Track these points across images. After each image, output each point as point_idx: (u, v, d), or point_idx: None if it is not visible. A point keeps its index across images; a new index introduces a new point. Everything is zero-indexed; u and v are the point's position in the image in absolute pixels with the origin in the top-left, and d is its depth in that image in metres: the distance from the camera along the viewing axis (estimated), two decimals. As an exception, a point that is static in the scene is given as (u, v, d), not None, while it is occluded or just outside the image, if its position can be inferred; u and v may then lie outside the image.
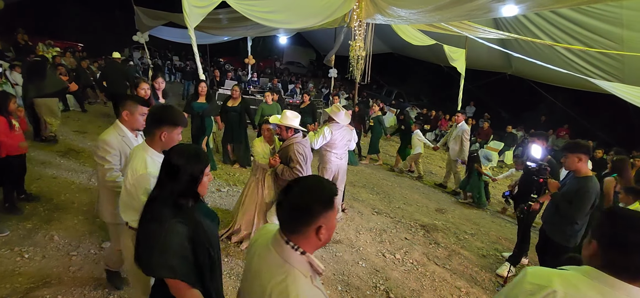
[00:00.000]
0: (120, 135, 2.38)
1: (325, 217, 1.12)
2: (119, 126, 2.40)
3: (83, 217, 3.83)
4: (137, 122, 2.44)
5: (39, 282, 2.81)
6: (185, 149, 1.56)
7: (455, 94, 9.34)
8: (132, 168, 1.91)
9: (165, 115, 1.99)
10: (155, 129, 1.97)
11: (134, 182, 1.88)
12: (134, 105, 2.40)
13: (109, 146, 2.32)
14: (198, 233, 1.48)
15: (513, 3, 4.31)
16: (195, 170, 1.52)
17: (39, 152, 5.41)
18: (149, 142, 2.01)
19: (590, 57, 7.14)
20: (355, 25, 6.68)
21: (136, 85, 4.15)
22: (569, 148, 2.97)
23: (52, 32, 15.09)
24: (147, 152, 1.96)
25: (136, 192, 1.87)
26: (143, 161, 1.92)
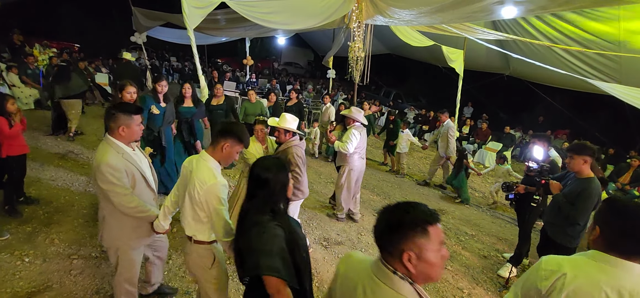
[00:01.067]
0: (119, 153, 2.12)
1: (414, 242, 1.06)
2: (115, 143, 2.13)
3: (83, 219, 3.81)
4: (136, 134, 2.21)
5: (40, 286, 2.79)
6: (269, 162, 1.69)
7: (453, 94, 9.36)
8: (199, 180, 1.88)
9: (234, 129, 2.01)
10: (221, 138, 1.98)
11: (205, 193, 1.87)
12: (129, 118, 2.15)
13: (115, 169, 2.06)
14: (293, 236, 1.60)
15: (513, 5, 4.33)
16: (283, 178, 1.66)
17: (38, 154, 5.37)
18: (211, 151, 2.01)
19: (587, 58, 7.19)
20: (354, 26, 6.68)
21: (121, 89, 3.78)
22: (575, 149, 2.95)
23: (48, 33, 15.00)
24: (209, 161, 1.96)
25: (209, 202, 1.87)
26: (209, 171, 1.91)
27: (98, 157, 2.09)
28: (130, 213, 2.14)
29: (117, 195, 2.08)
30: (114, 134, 2.13)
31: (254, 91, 6.59)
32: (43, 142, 5.92)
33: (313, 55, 25.10)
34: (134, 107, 2.20)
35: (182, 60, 18.85)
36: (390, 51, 14.65)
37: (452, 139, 6.68)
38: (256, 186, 1.63)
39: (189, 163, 2.06)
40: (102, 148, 2.13)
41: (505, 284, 3.75)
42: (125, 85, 3.73)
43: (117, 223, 2.22)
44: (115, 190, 2.07)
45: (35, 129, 6.46)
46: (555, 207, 3.10)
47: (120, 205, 2.10)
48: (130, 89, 3.73)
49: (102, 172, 2.03)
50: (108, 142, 2.13)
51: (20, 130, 3.69)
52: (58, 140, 6.15)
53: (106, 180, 2.05)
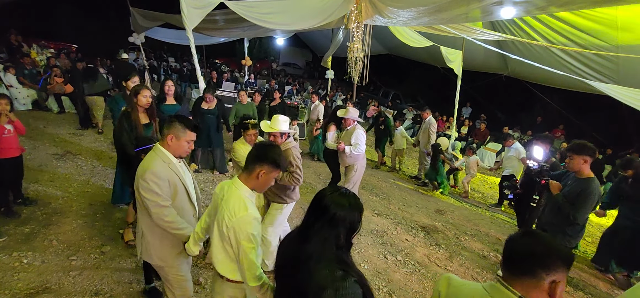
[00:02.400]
0: (165, 162, 2.02)
1: (561, 274, 1.14)
2: (162, 151, 2.04)
3: (82, 220, 3.79)
4: (182, 150, 2.09)
5: (39, 288, 2.77)
6: (344, 196, 1.38)
7: (452, 95, 9.40)
8: (228, 211, 1.68)
9: (269, 153, 1.77)
10: (256, 164, 1.76)
11: (234, 226, 1.65)
12: (183, 130, 2.03)
13: (159, 177, 1.95)
14: (367, 289, 1.34)
15: (511, 6, 4.34)
16: (357, 218, 1.37)
17: (36, 155, 5.34)
18: (244, 177, 1.79)
19: (585, 59, 7.22)
20: (353, 26, 6.69)
21: (126, 79, 3.97)
22: (575, 149, 2.95)
23: (46, 33, 14.93)
24: (241, 189, 1.76)
25: (236, 237, 1.66)
26: (240, 201, 1.70)
27: (144, 164, 2.00)
28: (165, 227, 2.02)
29: (155, 205, 1.96)
30: (164, 141, 2.06)
31: (245, 92, 6.41)
32: (41, 143, 5.89)
33: (311, 56, 25.10)
34: (193, 124, 2.09)
35: (181, 61, 18.80)
36: (389, 51, 14.67)
37: (433, 134, 7.01)
38: (324, 224, 1.33)
39: (220, 190, 1.87)
40: (149, 157, 2.05)
41: (504, 284, 3.74)
42: (131, 76, 4.09)
43: (157, 240, 2.10)
44: (155, 200, 1.95)
45: (33, 129, 6.43)
46: (554, 207, 3.11)
47: (156, 217, 1.98)
48: (135, 79, 4.08)
49: (145, 180, 1.93)
50: (156, 151, 2.05)
51: (13, 132, 3.66)
52: (56, 141, 6.13)
53: (148, 189, 1.94)
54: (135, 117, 3.27)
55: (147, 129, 3.35)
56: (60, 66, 8.88)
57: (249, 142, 3.38)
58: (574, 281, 4.05)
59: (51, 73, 7.99)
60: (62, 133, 6.64)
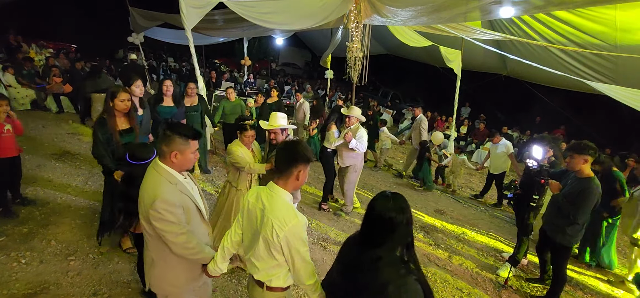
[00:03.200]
0: (172, 184, 1.79)
1: None
2: (167, 171, 1.79)
3: (80, 220, 3.78)
4: (189, 163, 1.87)
5: (37, 288, 2.76)
6: (396, 200, 1.45)
7: (451, 95, 9.39)
8: (278, 221, 1.61)
9: (300, 151, 1.71)
10: (292, 167, 1.69)
11: (286, 235, 1.60)
12: (186, 142, 1.80)
13: (172, 205, 1.73)
14: (427, 287, 1.41)
15: (510, 5, 4.35)
16: (409, 215, 1.44)
17: (34, 155, 5.33)
18: (282, 182, 1.71)
19: (584, 59, 7.22)
20: (352, 26, 6.69)
21: (129, 83, 3.57)
22: (576, 149, 2.95)
23: (45, 34, 14.92)
24: (283, 195, 1.69)
25: (290, 244, 1.61)
26: (288, 208, 1.65)
27: (150, 191, 1.74)
28: (187, 255, 1.83)
29: (174, 235, 1.75)
30: (166, 159, 1.80)
31: (233, 89, 6.22)
32: (40, 143, 5.88)
33: (311, 56, 25.11)
34: (193, 131, 1.86)
35: (180, 61, 18.78)
36: (388, 51, 14.67)
37: (424, 131, 7.10)
38: (385, 230, 1.40)
39: (256, 199, 1.75)
40: (152, 179, 1.79)
41: (504, 284, 3.75)
42: (133, 79, 3.81)
43: (170, 268, 1.89)
44: (173, 230, 1.74)
45: (31, 129, 6.42)
46: (554, 207, 3.11)
47: (176, 246, 1.78)
48: (139, 83, 3.83)
49: (157, 211, 1.70)
50: (158, 170, 1.79)
51: (10, 132, 3.65)
52: (55, 141, 6.11)
53: (162, 219, 1.71)
54: (112, 124, 2.97)
55: (128, 134, 3.06)
56: (59, 66, 8.87)
57: (245, 144, 3.26)
58: (573, 281, 4.05)
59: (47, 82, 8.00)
60: (61, 133, 6.63)
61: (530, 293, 3.73)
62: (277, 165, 1.74)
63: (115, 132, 2.99)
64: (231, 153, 3.17)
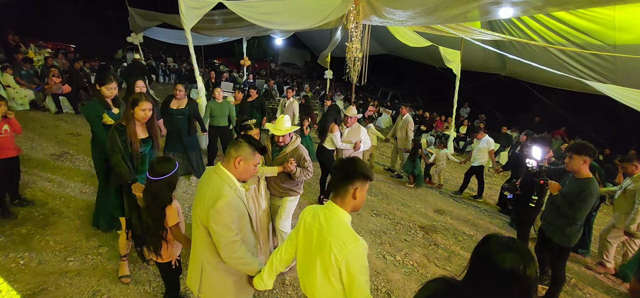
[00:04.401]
0: (231, 188, 1.78)
1: None
2: (228, 176, 1.80)
3: (79, 221, 3.77)
4: (249, 174, 1.89)
5: (36, 289, 2.75)
6: (518, 247, 1.10)
7: (450, 95, 9.40)
8: (337, 243, 1.50)
9: (357, 168, 1.59)
10: (348, 185, 1.58)
11: (347, 258, 1.48)
12: (253, 153, 1.82)
13: (233, 209, 1.73)
14: None
15: (508, 6, 4.35)
16: (534, 277, 1.09)
17: (33, 155, 5.32)
18: (339, 201, 1.61)
19: (583, 59, 7.24)
20: (351, 26, 6.69)
21: (134, 83, 3.79)
22: (575, 149, 2.95)
23: (44, 34, 14.89)
24: (342, 215, 1.59)
25: (349, 269, 1.49)
26: (348, 230, 1.55)
27: (212, 191, 1.73)
28: (235, 264, 1.80)
29: (228, 242, 1.73)
30: (229, 163, 1.81)
31: (220, 89, 5.98)
32: (38, 143, 5.86)
33: (310, 56, 25.12)
34: (262, 147, 1.90)
35: (179, 61, 18.77)
36: (388, 52, 14.68)
37: (410, 132, 7.20)
38: (507, 280, 1.06)
39: (313, 218, 1.66)
40: (214, 181, 1.77)
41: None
42: (137, 79, 4.04)
43: (220, 278, 1.87)
44: (228, 236, 1.72)
45: (30, 129, 6.40)
46: (553, 207, 3.11)
47: (226, 252, 1.75)
48: (140, 83, 4.05)
49: (219, 212, 1.67)
50: (220, 174, 1.80)
51: (9, 133, 3.64)
52: (54, 141, 6.10)
53: (221, 223, 1.69)
54: (132, 132, 2.72)
55: (146, 144, 2.88)
56: (58, 66, 8.85)
57: None
58: (572, 282, 4.06)
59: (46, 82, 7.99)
60: (59, 133, 6.62)
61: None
62: (333, 184, 1.64)
63: (136, 140, 2.73)
64: None
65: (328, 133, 4.84)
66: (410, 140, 7.13)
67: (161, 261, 2.33)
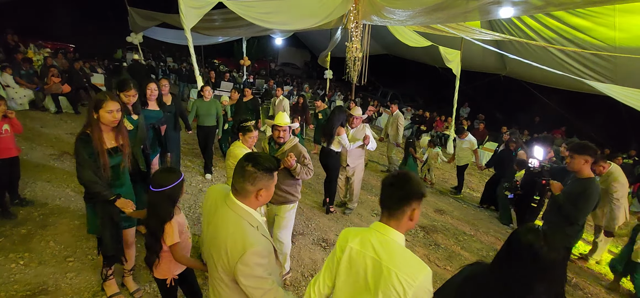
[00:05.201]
0: (254, 226, 1.52)
1: None
2: (248, 213, 1.53)
3: (79, 221, 3.76)
4: (271, 196, 1.62)
5: (36, 289, 2.74)
6: (541, 230, 1.20)
7: (450, 95, 9.40)
8: (404, 275, 1.30)
9: (414, 187, 1.42)
10: (405, 206, 1.40)
11: (416, 291, 1.29)
12: (271, 178, 1.56)
13: (263, 257, 1.47)
14: None
15: (509, 5, 4.34)
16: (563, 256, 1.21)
17: (32, 155, 5.31)
18: (395, 224, 1.42)
19: (582, 59, 7.24)
20: (351, 26, 6.69)
21: (121, 88, 3.04)
22: (577, 149, 2.94)
23: (43, 33, 14.87)
24: (399, 238, 1.41)
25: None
26: (413, 258, 1.36)
27: (235, 239, 1.43)
28: None
29: (263, 292, 1.47)
30: (248, 198, 1.52)
31: (209, 88, 5.73)
32: (38, 144, 5.85)
33: (310, 56, 25.13)
34: (275, 163, 1.61)
35: (179, 61, 18.75)
36: (388, 52, 14.68)
37: (400, 127, 7.35)
38: (538, 272, 1.13)
39: (362, 245, 1.43)
40: (233, 224, 1.48)
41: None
42: (150, 82, 3.97)
43: None
44: (263, 286, 1.46)
45: (30, 130, 6.39)
46: (555, 207, 3.11)
47: None
48: (152, 86, 3.98)
49: (248, 266, 1.41)
50: (237, 211, 1.50)
51: (9, 133, 3.63)
52: (54, 141, 6.09)
53: (252, 275, 1.43)
54: (97, 140, 2.29)
55: (115, 155, 2.44)
56: (58, 66, 8.84)
57: (250, 146, 3.15)
58: (573, 281, 4.05)
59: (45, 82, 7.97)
60: (59, 133, 6.61)
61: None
62: (386, 204, 1.44)
63: (103, 151, 2.31)
64: (236, 157, 2.86)
65: (335, 136, 4.73)
66: (400, 134, 7.28)
67: (156, 277, 2.17)
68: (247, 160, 1.52)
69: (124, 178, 2.60)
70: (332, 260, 1.54)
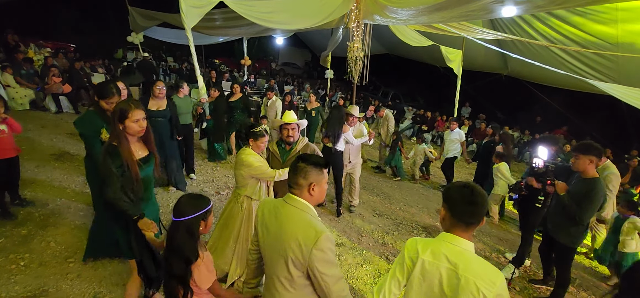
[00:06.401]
0: (317, 218, 1.60)
1: None
2: (309, 207, 1.59)
3: (80, 221, 3.74)
4: (324, 195, 1.67)
5: (36, 290, 2.72)
6: None
7: (451, 94, 9.37)
8: (484, 281, 1.31)
9: (485, 200, 1.45)
10: (481, 221, 1.44)
11: (498, 296, 1.33)
12: (321, 173, 1.61)
13: (333, 243, 1.52)
14: None
15: (512, 4, 4.31)
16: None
17: (33, 155, 5.29)
18: (461, 231, 1.45)
19: (585, 58, 7.21)
20: (353, 26, 6.65)
21: (102, 95, 2.75)
22: (581, 149, 2.92)
23: (43, 33, 14.86)
24: (470, 246, 1.44)
25: None
26: (487, 264, 1.38)
27: (305, 228, 1.48)
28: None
29: (335, 280, 1.50)
30: (303, 193, 1.58)
31: (185, 82, 5.49)
32: (38, 143, 5.83)
33: (311, 56, 25.11)
34: (325, 160, 1.67)
35: (180, 61, 18.74)
36: (389, 51, 14.65)
37: (391, 126, 7.62)
38: None
39: (433, 256, 1.43)
40: (295, 214, 1.54)
41: (508, 285, 3.72)
42: (158, 81, 4.12)
43: None
44: (336, 274, 1.50)
45: (30, 129, 6.37)
46: (559, 207, 3.08)
47: (337, 293, 1.51)
48: (160, 85, 4.08)
49: (323, 251, 1.44)
50: (299, 206, 1.57)
51: (8, 133, 3.60)
52: (54, 141, 6.07)
53: (328, 261, 1.46)
54: (126, 153, 2.08)
55: (146, 164, 2.25)
56: (58, 66, 8.82)
57: (261, 150, 2.96)
58: (577, 282, 4.03)
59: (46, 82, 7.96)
60: (60, 133, 6.58)
61: (533, 294, 3.70)
62: (465, 219, 1.44)
63: (133, 163, 2.11)
64: (250, 165, 2.80)
65: (342, 134, 4.70)
66: (390, 134, 7.49)
67: None
68: (298, 159, 1.63)
69: (151, 192, 2.39)
70: (401, 270, 1.54)
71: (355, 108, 5.01)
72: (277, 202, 1.66)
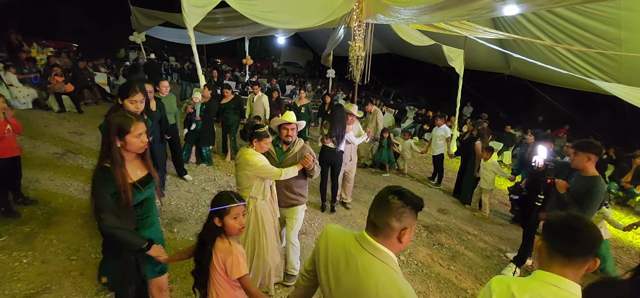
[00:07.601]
0: (399, 274, 1.36)
1: None
2: (395, 261, 1.37)
3: (82, 219, 3.76)
4: (409, 241, 1.45)
5: (39, 288, 2.74)
6: None
7: (453, 94, 9.35)
8: None
9: (598, 238, 1.28)
10: (590, 259, 1.27)
11: None
12: (415, 220, 1.38)
13: None
14: None
15: (514, 3, 4.31)
16: None
17: (36, 154, 5.32)
18: (574, 275, 1.27)
19: (588, 57, 7.18)
20: (354, 25, 6.65)
21: (126, 95, 2.62)
22: (580, 146, 2.91)
23: (47, 33, 14.93)
24: (578, 290, 1.27)
25: None
26: None
27: (391, 292, 1.19)
28: None
29: None
30: (390, 239, 1.27)
31: (166, 81, 5.16)
32: (41, 142, 5.86)
33: (312, 55, 25.13)
34: (422, 201, 1.36)
35: (181, 60, 18.79)
36: (391, 51, 14.64)
37: (380, 123, 7.75)
38: None
39: (522, 292, 1.26)
40: (383, 273, 1.24)
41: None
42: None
43: None
44: None
45: (33, 128, 6.41)
46: (560, 206, 3.08)
47: None
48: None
49: None
50: (382, 257, 1.26)
51: (10, 132, 3.63)
52: (57, 140, 6.10)
53: None
54: (120, 178, 1.81)
55: (146, 186, 1.98)
56: (61, 65, 8.87)
57: (264, 151, 2.92)
58: (578, 281, 4.02)
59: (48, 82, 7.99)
60: (62, 132, 6.62)
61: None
62: (569, 251, 1.25)
63: (127, 187, 1.83)
64: (255, 165, 2.73)
65: (346, 133, 4.73)
66: (379, 130, 7.60)
67: None
68: (392, 193, 1.28)
69: (154, 215, 2.11)
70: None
71: (354, 106, 5.04)
72: (350, 243, 1.34)
